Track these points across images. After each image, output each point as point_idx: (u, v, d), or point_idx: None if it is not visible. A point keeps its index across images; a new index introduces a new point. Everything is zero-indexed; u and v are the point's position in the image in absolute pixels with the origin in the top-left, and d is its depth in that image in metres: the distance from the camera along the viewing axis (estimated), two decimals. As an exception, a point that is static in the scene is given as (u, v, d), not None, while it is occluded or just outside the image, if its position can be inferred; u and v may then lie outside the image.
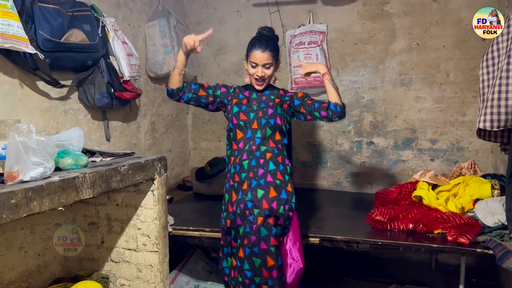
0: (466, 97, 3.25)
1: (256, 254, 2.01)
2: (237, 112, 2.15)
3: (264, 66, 2.10)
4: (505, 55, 1.87)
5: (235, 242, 2.09)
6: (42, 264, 2.09)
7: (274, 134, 2.13)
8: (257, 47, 2.09)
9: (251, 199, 2.05)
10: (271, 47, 2.11)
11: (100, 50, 2.44)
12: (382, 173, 3.53)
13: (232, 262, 2.13)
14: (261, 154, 2.09)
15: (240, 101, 2.19)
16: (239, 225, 2.06)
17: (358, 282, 3.11)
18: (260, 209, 2.02)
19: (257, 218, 2.02)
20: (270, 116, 2.11)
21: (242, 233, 2.04)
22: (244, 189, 2.07)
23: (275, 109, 2.13)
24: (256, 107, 2.15)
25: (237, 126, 2.14)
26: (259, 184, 2.06)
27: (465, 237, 2.19)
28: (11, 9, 1.84)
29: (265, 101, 2.17)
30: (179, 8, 3.78)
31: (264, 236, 2.01)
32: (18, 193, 1.29)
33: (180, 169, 3.92)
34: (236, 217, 2.08)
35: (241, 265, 2.04)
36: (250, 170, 2.08)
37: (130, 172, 1.84)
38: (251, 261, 2.01)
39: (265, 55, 2.08)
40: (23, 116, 2.13)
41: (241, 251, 2.04)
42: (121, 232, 2.18)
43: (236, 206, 2.09)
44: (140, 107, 3.21)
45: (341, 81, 3.55)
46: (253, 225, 2.02)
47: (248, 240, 2.02)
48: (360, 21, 3.45)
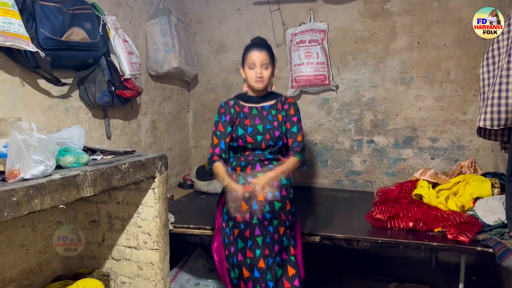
0: (467, 95, 3.25)
1: (278, 264, 2.00)
2: (243, 135, 2.11)
3: (262, 66, 2.07)
4: (505, 53, 1.87)
5: (252, 252, 2.02)
6: (43, 262, 2.09)
7: (281, 149, 2.15)
8: (254, 48, 2.09)
9: (269, 211, 2.04)
10: (267, 49, 2.11)
11: (101, 48, 2.45)
12: (382, 171, 3.53)
13: (242, 273, 2.05)
14: (274, 168, 2.09)
15: (243, 121, 2.13)
16: (258, 235, 2.03)
17: (358, 280, 3.11)
18: (279, 220, 2.05)
19: (278, 228, 2.03)
20: (277, 139, 2.10)
21: (262, 243, 2.01)
22: (260, 200, 2.02)
23: (281, 129, 2.11)
24: (262, 128, 2.10)
25: (245, 147, 2.13)
26: (275, 196, 2.05)
27: (465, 235, 2.19)
28: (12, 7, 1.84)
29: (267, 117, 2.12)
30: (180, 7, 3.78)
31: (285, 246, 2.04)
32: (20, 191, 1.29)
33: (181, 167, 3.92)
34: (251, 227, 2.04)
35: (263, 276, 1.99)
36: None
37: (131, 170, 1.84)
38: (274, 271, 1.99)
39: (262, 54, 2.07)
40: (24, 114, 2.14)
41: (262, 261, 2.00)
42: (122, 230, 2.18)
43: (250, 216, 2.04)
44: (141, 105, 3.21)
45: (341, 79, 3.55)
46: (274, 235, 2.02)
47: (270, 250, 2.00)
48: (361, 19, 3.44)
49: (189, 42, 3.65)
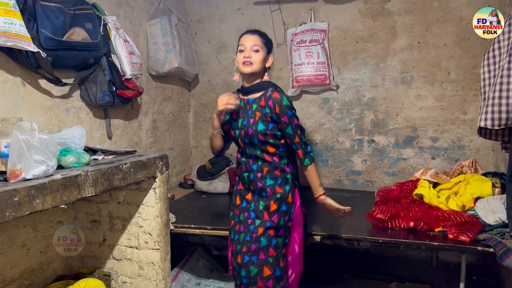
0: (467, 95, 3.25)
1: (253, 263, 1.99)
2: (229, 128, 2.15)
3: (252, 49, 1.98)
4: (506, 53, 1.87)
5: (236, 246, 2.07)
6: (44, 262, 2.10)
7: (265, 147, 2.03)
8: (246, 33, 2.06)
9: (253, 210, 2.06)
10: (261, 33, 2.06)
11: (101, 48, 2.45)
12: (383, 171, 3.53)
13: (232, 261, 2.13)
14: (258, 168, 2.06)
15: (231, 113, 2.13)
16: (241, 232, 2.06)
17: (359, 280, 3.11)
18: (261, 220, 2.03)
19: (257, 228, 2.02)
20: (251, 136, 2.02)
21: (242, 240, 2.04)
22: (248, 199, 2.10)
23: (255, 127, 2.00)
24: (241, 123, 2.06)
25: (234, 139, 2.17)
26: (260, 196, 2.07)
27: (466, 235, 2.19)
28: (13, 8, 1.85)
29: (247, 112, 2.05)
30: (181, 6, 3.78)
31: (263, 246, 2.00)
32: (21, 191, 1.29)
33: (182, 167, 3.92)
34: (239, 223, 2.09)
35: (239, 270, 2.03)
36: (250, 183, 2.09)
37: (132, 170, 1.84)
38: (247, 269, 2.00)
39: (253, 37, 2.01)
40: (26, 114, 2.14)
41: (240, 257, 2.03)
42: (123, 230, 2.18)
43: (239, 212, 2.11)
44: (141, 105, 3.21)
45: (342, 79, 3.55)
46: (253, 234, 2.02)
47: (248, 248, 2.01)
48: (361, 19, 3.45)
49: (190, 42, 3.65)
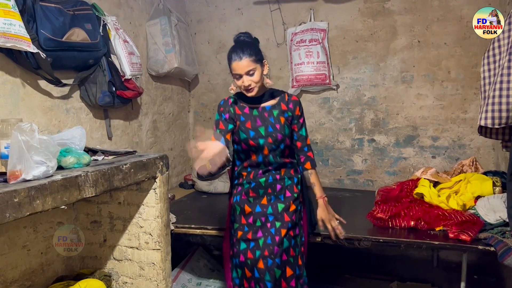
0: (468, 94, 3.25)
1: (277, 265, 2.00)
2: (245, 139, 2.06)
3: (247, 74, 1.95)
4: (506, 52, 1.87)
5: (252, 254, 2.03)
6: (45, 263, 2.10)
7: (284, 150, 2.11)
8: (234, 58, 1.95)
9: (272, 213, 2.06)
10: (248, 52, 1.95)
11: (101, 49, 2.45)
12: (383, 170, 3.53)
13: (244, 273, 2.07)
14: (276, 171, 2.10)
15: (244, 123, 2.07)
16: (260, 237, 2.04)
17: (359, 279, 3.11)
18: (282, 222, 2.04)
19: (280, 230, 2.03)
20: (280, 142, 2.05)
21: (262, 244, 2.02)
22: (263, 204, 2.09)
23: (284, 131, 2.06)
24: (264, 131, 2.04)
25: (247, 151, 2.10)
26: (278, 199, 2.08)
27: (466, 234, 2.19)
28: (12, 9, 1.85)
29: (268, 119, 2.06)
30: (180, 7, 3.78)
31: (286, 247, 2.02)
32: (21, 192, 1.29)
33: (182, 167, 3.92)
34: (254, 229, 2.07)
35: (262, 276, 2.00)
36: (268, 187, 2.09)
37: (132, 170, 1.84)
38: (272, 272, 1.99)
39: (244, 62, 1.93)
40: (25, 115, 2.14)
41: (261, 262, 2.00)
42: (123, 230, 2.18)
43: (253, 219, 2.08)
44: (141, 106, 3.21)
45: (342, 78, 3.55)
46: (275, 236, 2.02)
47: (270, 251, 2.00)
48: (361, 18, 3.44)
49: (190, 42, 3.65)
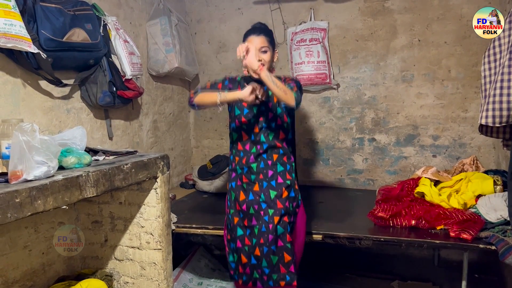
0: (468, 93, 3.25)
1: (273, 252, 2.03)
2: (239, 115, 2.15)
3: (260, 50, 2.07)
4: (506, 50, 1.87)
5: (250, 241, 2.09)
6: (46, 263, 2.10)
7: (278, 133, 2.13)
8: (252, 33, 2.10)
9: (264, 200, 2.08)
10: (266, 33, 2.12)
11: (102, 49, 2.45)
12: (384, 169, 3.53)
13: (240, 258, 2.13)
14: (268, 156, 2.11)
15: (241, 101, 2.13)
16: (254, 225, 2.08)
17: (360, 278, 3.11)
18: (275, 209, 2.06)
19: (273, 217, 2.04)
20: (271, 120, 2.10)
21: (257, 232, 2.06)
22: (255, 191, 2.11)
23: (275, 110, 2.12)
24: (257, 110, 2.13)
25: (240, 129, 2.16)
26: (270, 185, 2.09)
27: (467, 233, 2.19)
28: (13, 9, 1.85)
29: (264, 100, 2.11)
30: (180, 6, 3.78)
31: (280, 234, 2.04)
32: (23, 192, 1.29)
33: (183, 167, 3.92)
34: (248, 217, 2.10)
35: (259, 263, 2.06)
36: (259, 172, 2.11)
37: (133, 170, 1.84)
38: (269, 259, 2.03)
39: (260, 38, 2.07)
40: (26, 116, 2.14)
41: (258, 249, 2.05)
42: (124, 230, 2.19)
43: (247, 206, 2.11)
44: (142, 106, 3.21)
45: (342, 78, 3.55)
46: (269, 224, 2.04)
47: (265, 239, 2.03)
48: (361, 17, 3.44)
49: (190, 42, 3.65)
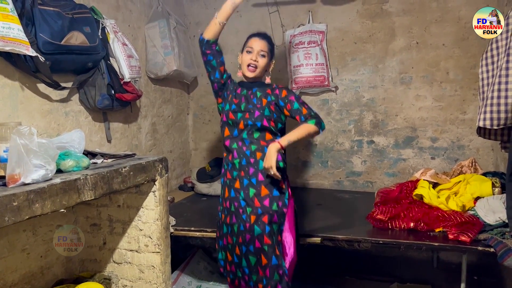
0: (466, 95, 3.25)
1: (251, 253, 2.03)
2: (227, 111, 2.19)
3: (259, 53, 2.14)
4: (504, 53, 1.87)
5: (231, 239, 2.12)
6: (45, 266, 2.09)
7: (264, 134, 2.14)
8: (255, 36, 2.19)
9: (244, 198, 2.08)
10: (269, 40, 2.21)
11: (100, 52, 2.45)
12: (382, 172, 3.53)
13: (227, 256, 2.17)
14: (251, 154, 2.11)
15: (232, 98, 2.21)
16: (234, 223, 2.09)
17: (360, 281, 3.11)
18: (252, 208, 2.05)
19: (250, 216, 2.04)
20: (256, 119, 2.11)
21: (237, 231, 2.08)
22: (236, 188, 2.12)
23: (262, 111, 2.12)
24: (244, 107, 2.15)
25: (227, 124, 2.19)
26: (250, 183, 2.09)
27: (466, 235, 2.19)
28: (11, 12, 1.85)
29: (252, 99, 2.16)
30: (179, 9, 3.78)
31: (257, 234, 2.02)
32: (20, 195, 1.29)
33: (181, 169, 3.92)
34: (230, 214, 2.12)
35: (239, 262, 2.08)
36: (241, 169, 2.11)
37: (132, 173, 1.84)
38: (247, 259, 2.05)
39: (262, 42, 2.16)
40: (24, 119, 2.14)
41: (237, 248, 2.08)
42: (123, 233, 2.18)
43: (229, 203, 2.13)
44: (140, 108, 3.21)
45: (341, 80, 3.55)
46: (246, 223, 2.04)
47: (243, 238, 2.05)
48: (359, 20, 3.45)
49: (188, 44, 3.65)
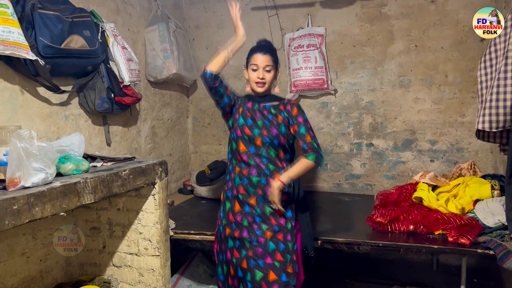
0: (465, 98, 3.26)
1: (259, 267, 2.00)
2: (242, 125, 2.13)
3: (264, 69, 2.13)
4: (502, 56, 1.88)
5: (238, 253, 2.07)
6: (44, 270, 2.09)
7: (279, 152, 2.12)
8: (258, 51, 2.16)
9: (259, 215, 2.06)
10: (271, 52, 2.17)
11: (100, 55, 2.45)
12: (382, 174, 3.53)
13: (229, 270, 2.12)
14: (271, 174, 2.09)
15: (245, 112, 2.16)
16: (245, 237, 2.06)
17: (359, 284, 3.11)
18: (269, 225, 2.05)
19: (265, 232, 2.03)
20: (274, 137, 2.09)
21: (249, 245, 2.04)
22: (252, 204, 2.08)
23: (280, 128, 2.10)
24: (261, 123, 2.11)
25: (241, 139, 2.13)
26: (266, 202, 2.07)
27: (465, 237, 2.19)
28: (11, 16, 1.85)
29: (267, 115, 2.13)
30: (178, 13, 3.79)
31: (271, 250, 2.02)
32: (20, 199, 1.29)
33: (181, 173, 3.92)
34: (241, 229, 2.08)
35: (244, 276, 2.04)
36: (259, 187, 2.08)
37: (131, 176, 1.84)
38: (253, 273, 2.01)
39: (266, 57, 2.14)
40: (24, 122, 2.14)
41: (245, 262, 2.03)
42: (122, 236, 2.18)
43: (241, 218, 2.09)
44: (140, 112, 3.22)
45: (340, 83, 3.56)
46: (260, 238, 2.03)
47: (254, 252, 2.02)
48: (358, 23, 3.46)
49: (188, 48, 3.66)
